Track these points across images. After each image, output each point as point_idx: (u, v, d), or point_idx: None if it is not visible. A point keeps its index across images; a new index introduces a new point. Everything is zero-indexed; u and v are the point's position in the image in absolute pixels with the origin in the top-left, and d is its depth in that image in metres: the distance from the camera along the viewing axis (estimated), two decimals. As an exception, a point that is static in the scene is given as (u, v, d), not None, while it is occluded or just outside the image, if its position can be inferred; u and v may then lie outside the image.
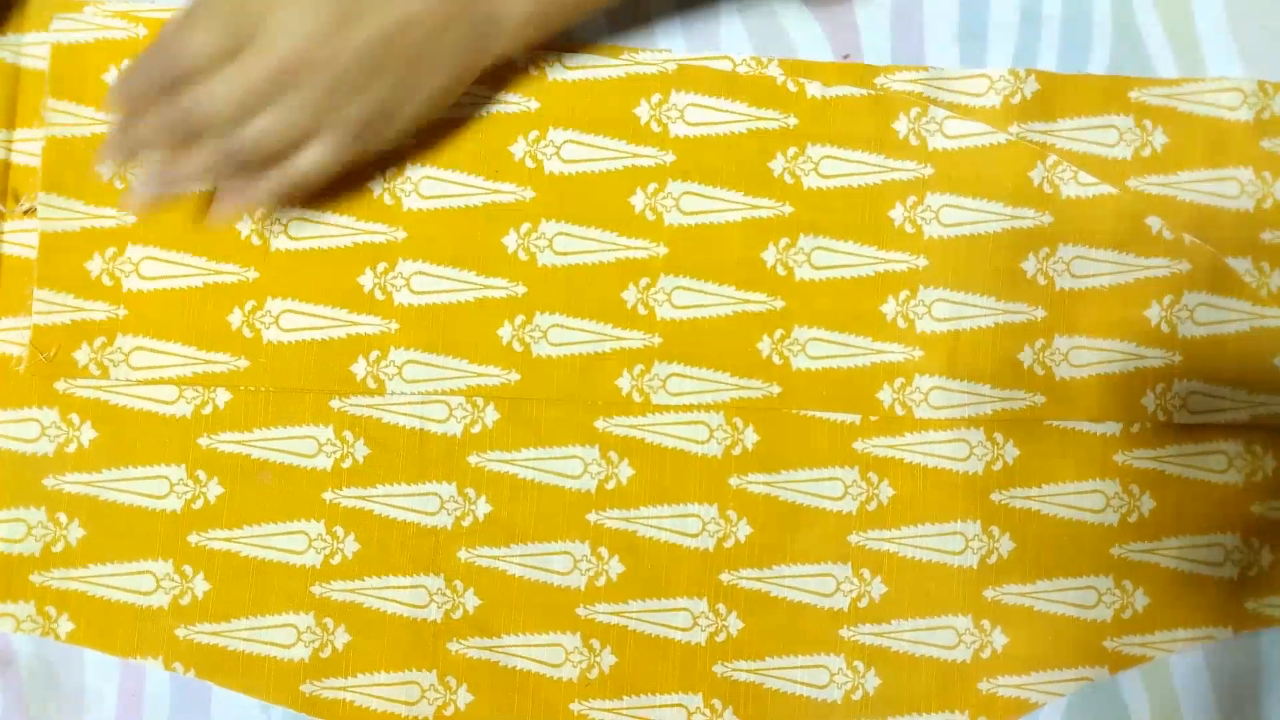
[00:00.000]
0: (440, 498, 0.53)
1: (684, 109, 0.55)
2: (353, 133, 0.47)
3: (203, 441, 0.52)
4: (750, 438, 0.53)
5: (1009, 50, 0.56)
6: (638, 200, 0.54)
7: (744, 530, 0.53)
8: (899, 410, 0.54)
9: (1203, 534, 0.54)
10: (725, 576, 0.53)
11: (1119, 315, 0.55)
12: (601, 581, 0.53)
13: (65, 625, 0.51)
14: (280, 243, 0.53)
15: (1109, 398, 0.54)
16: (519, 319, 0.53)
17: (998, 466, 0.54)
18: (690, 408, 0.53)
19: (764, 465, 0.53)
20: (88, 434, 0.52)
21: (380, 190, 0.53)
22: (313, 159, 0.47)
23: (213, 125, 0.45)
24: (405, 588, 0.52)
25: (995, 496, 0.54)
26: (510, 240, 0.54)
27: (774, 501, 0.53)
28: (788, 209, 0.54)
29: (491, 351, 0.53)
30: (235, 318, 0.53)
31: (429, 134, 0.53)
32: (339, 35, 0.44)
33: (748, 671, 0.53)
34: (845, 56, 0.56)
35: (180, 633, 0.52)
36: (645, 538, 0.53)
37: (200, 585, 0.52)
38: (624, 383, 0.53)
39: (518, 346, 0.53)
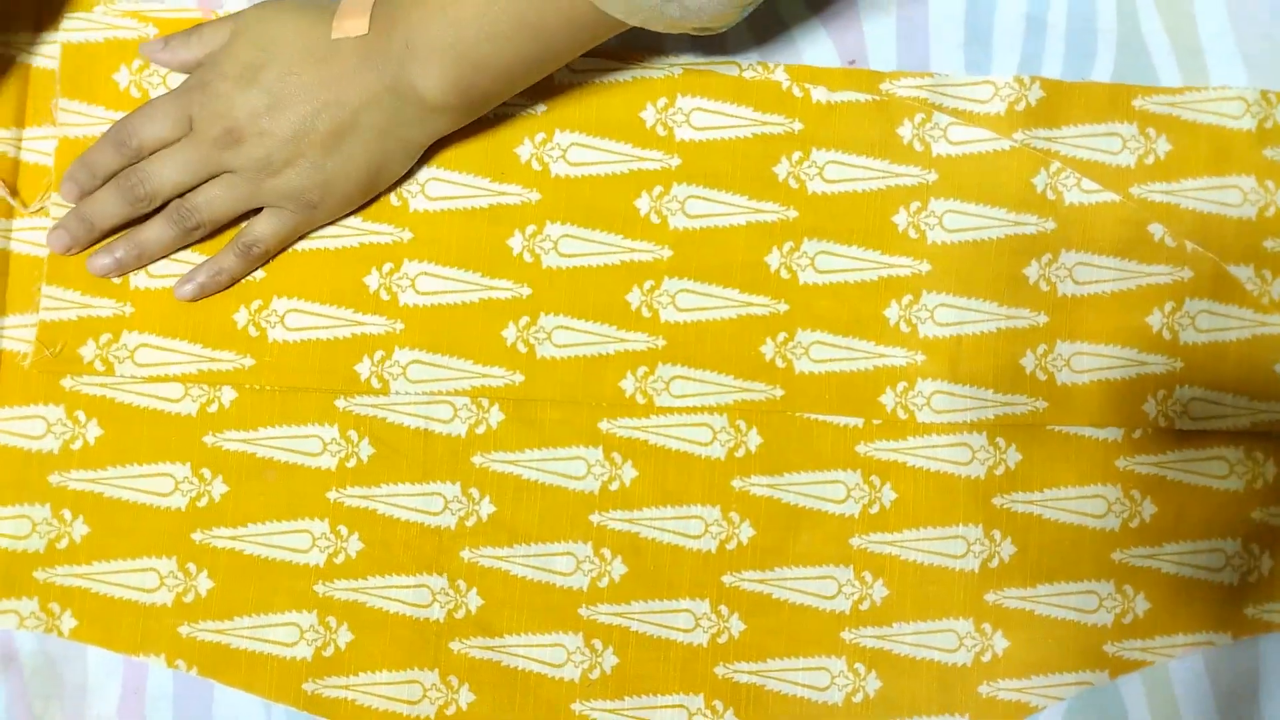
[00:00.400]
0: (444, 498, 0.53)
1: (690, 113, 0.55)
2: (297, 202, 0.51)
3: (208, 440, 0.52)
4: (753, 440, 0.54)
5: (1014, 57, 0.56)
6: (643, 203, 0.54)
7: (746, 532, 0.53)
8: (901, 414, 0.54)
9: (1203, 539, 0.54)
10: (727, 578, 0.53)
11: (1121, 321, 0.55)
12: (604, 582, 0.53)
13: (68, 622, 0.51)
14: (286, 242, 0.53)
15: (1111, 403, 0.54)
16: (524, 320, 0.54)
17: (1000, 471, 0.54)
18: (694, 410, 0.54)
19: (767, 468, 0.53)
20: (93, 431, 0.52)
21: (387, 191, 0.54)
22: (264, 227, 0.52)
23: (162, 192, 0.51)
24: (408, 587, 0.52)
25: (997, 501, 0.54)
26: (516, 242, 0.54)
27: (776, 504, 0.53)
28: (792, 213, 0.55)
29: (496, 352, 0.53)
30: (241, 316, 0.53)
31: (436, 135, 0.53)
32: (267, 117, 0.49)
33: (749, 673, 0.53)
34: (851, 62, 0.56)
35: (183, 630, 0.52)
36: (648, 539, 0.53)
37: (204, 583, 0.52)
38: (628, 384, 0.54)
39: (522, 348, 0.53)
